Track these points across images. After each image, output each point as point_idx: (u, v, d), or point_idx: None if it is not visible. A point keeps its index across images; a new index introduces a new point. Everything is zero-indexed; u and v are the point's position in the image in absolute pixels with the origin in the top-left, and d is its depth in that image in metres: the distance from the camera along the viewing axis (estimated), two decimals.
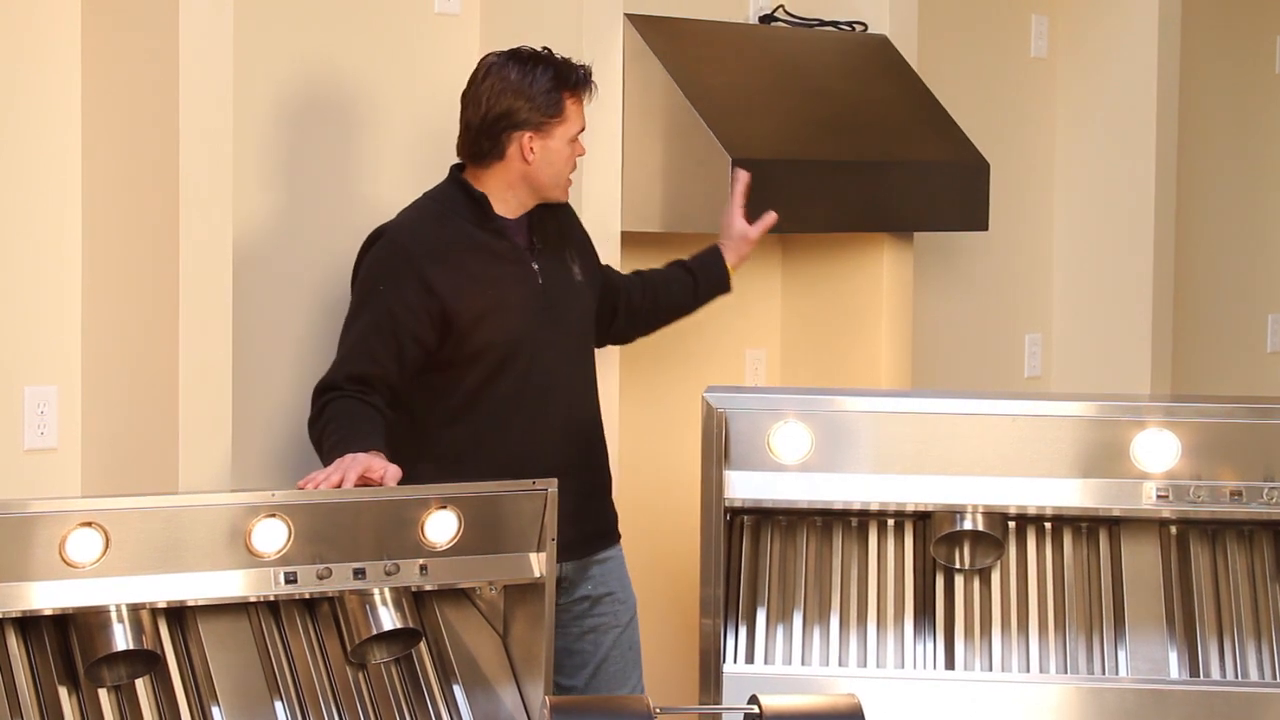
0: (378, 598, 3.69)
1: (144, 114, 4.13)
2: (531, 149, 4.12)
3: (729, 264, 4.50)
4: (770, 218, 4.51)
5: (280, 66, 4.51)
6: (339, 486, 3.68)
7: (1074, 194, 6.48)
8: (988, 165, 5.50)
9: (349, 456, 3.76)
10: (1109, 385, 6.30)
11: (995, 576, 4.05)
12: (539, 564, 3.76)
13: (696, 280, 4.49)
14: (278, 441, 4.48)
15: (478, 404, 4.11)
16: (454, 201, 4.17)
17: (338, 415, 3.95)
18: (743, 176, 4.53)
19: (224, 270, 4.14)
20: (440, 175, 4.35)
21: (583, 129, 4.19)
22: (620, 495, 4.40)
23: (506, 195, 4.16)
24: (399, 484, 3.73)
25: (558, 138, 4.14)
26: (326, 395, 4.00)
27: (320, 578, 3.61)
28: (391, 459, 3.82)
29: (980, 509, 3.96)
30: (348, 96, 4.65)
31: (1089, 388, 6.33)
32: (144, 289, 4.15)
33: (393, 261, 4.08)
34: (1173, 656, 3.97)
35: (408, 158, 4.72)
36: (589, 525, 4.21)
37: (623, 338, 4.53)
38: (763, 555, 4.03)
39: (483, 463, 4.07)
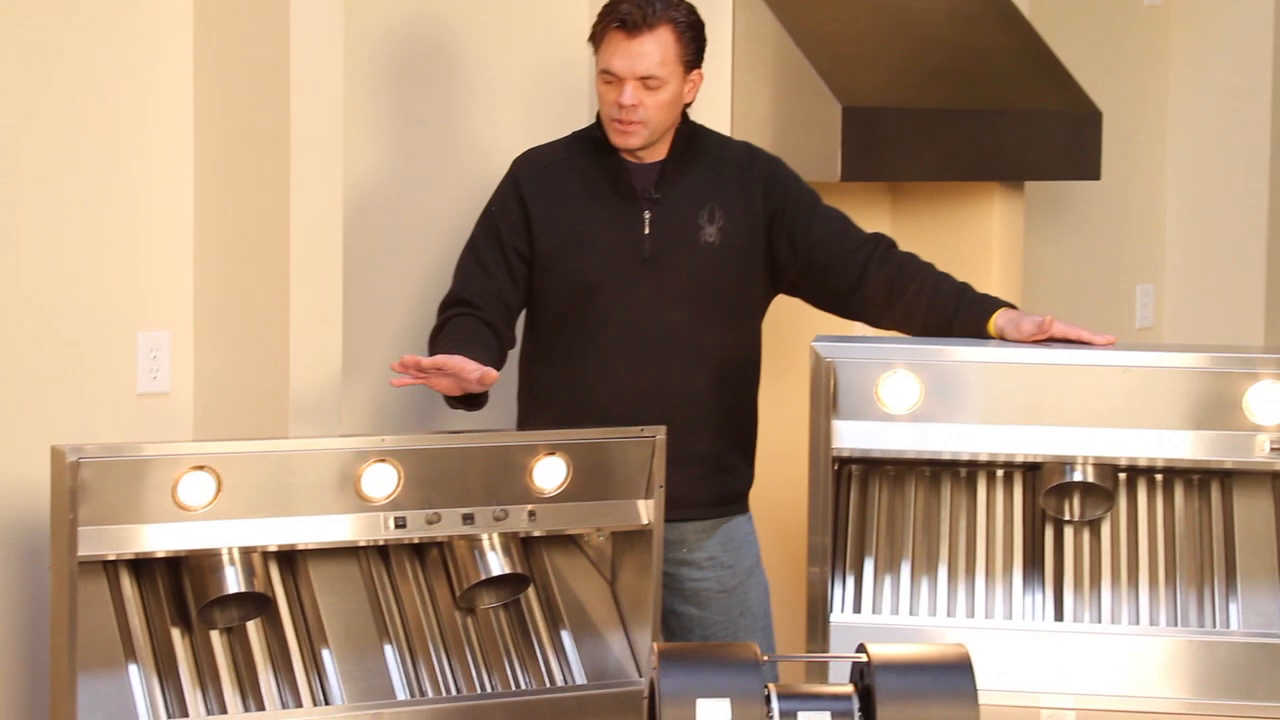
0: (486, 543, 3.71)
1: (256, 63, 4.15)
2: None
3: (994, 329, 4.06)
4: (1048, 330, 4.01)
5: (389, 17, 4.52)
6: (428, 369, 3.73)
7: (1187, 143, 6.40)
8: (1100, 114, 5.44)
9: (446, 355, 3.81)
10: (1222, 337, 6.24)
11: (1105, 528, 4.01)
12: (647, 511, 3.76)
13: (957, 316, 4.10)
14: (388, 387, 4.49)
15: (556, 342, 4.11)
16: (589, 137, 4.15)
17: (455, 331, 3.99)
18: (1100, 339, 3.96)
19: (335, 217, 4.16)
20: (548, 125, 4.34)
21: (612, 72, 3.99)
22: None
23: None
24: (512, 429, 3.73)
25: (598, 68, 4.06)
26: (449, 311, 4.05)
27: (429, 523, 3.62)
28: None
29: (1090, 460, 3.93)
30: (457, 48, 4.65)
31: (1201, 339, 6.26)
32: (256, 235, 4.18)
33: (504, 182, 4.15)
34: None
35: (515, 109, 4.72)
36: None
37: (864, 320, 4.25)
38: (870, 505, 4.02)
39: (559, 405, 4.09)
